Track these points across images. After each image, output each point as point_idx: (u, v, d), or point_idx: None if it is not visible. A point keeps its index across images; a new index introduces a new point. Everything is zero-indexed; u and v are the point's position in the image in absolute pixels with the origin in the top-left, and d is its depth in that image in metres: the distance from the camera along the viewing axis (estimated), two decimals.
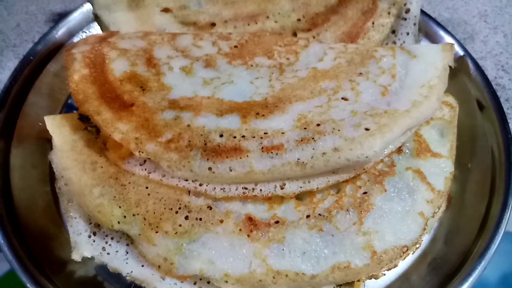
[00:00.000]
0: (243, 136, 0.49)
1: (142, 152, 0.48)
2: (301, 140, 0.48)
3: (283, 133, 0.49)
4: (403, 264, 0.52)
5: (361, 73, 0.55)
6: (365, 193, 0.50)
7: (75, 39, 0.67)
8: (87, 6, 0.69)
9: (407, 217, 0.50)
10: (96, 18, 0.69)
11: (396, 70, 0.55)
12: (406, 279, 0.52)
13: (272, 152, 0.48)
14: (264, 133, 0.49)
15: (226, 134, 0.49)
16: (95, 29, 0.69)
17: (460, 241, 0.53)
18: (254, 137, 0.49)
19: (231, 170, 0.48)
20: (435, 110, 0.54)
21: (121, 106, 0.52)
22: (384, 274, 0.49)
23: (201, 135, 0.49)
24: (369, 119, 0.49)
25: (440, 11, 0.81)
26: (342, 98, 0.52)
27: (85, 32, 0.69)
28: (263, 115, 0.51)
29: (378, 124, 0.48)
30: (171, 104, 0.53)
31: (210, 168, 0.48)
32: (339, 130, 0.48)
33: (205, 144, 0.49)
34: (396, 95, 0.53)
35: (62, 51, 0.66)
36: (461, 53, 0.64)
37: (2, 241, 0.47)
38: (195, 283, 0.48)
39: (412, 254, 0.52)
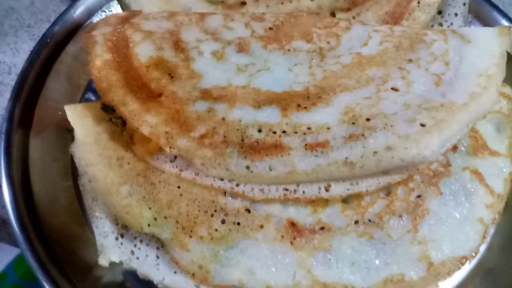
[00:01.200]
0: (284, 132, 0.44)
1: (173, 148, 0.44)
2: (349, 137, 0.43)
3: (328, 128, 0.44)
4: (458, 275, 0.47)
5: (411, 60, 0.50)
6: (419, 196, 0.46)
7: (94, 19, 0.62)
8: None
9: (466, 223, 0.45)
10: None
11: (449, 56, 0.50)
12: None
13: (316, 150, 0.43)
14: (308, 128, 0.44)
15: (265, 129, 0.44)
16: (115, 9, 0.64)
17: None
18: (296, 132, 0.44)
19: (271, 170, 0.43)
20: (494, 103, 0.48)
21: (149, 96, 0.48)
22: (438, 286, 0.45)
23: (238, 130, 0.44)
24: (424, 113, 0.44)
25: None
26: (392, 89, 0.47)
27: (105, 12, 0.63)
28: (305, 107, 0.46)
29: (435, 119, 0.43)
30: (203, 94, 0.48)
31: (248, 167, 0.43)
32: (391, 126, 0.43)
33: (242, 140, 0.44)
34: (451, 85, 0.47)
35: (81, 32, 0.61)
36: None
37: (24, 245, 0.43)
38: None
39: (469, 264, 0.48)
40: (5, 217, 0.53)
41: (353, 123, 0.43)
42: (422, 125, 0.42)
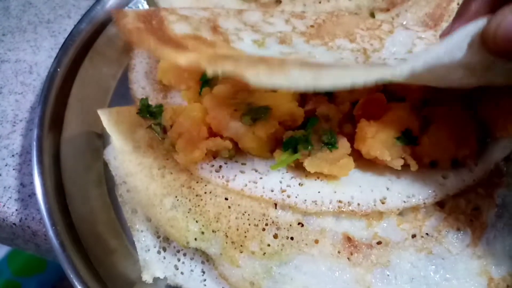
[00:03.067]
0: None
1: (219, 63, 0.34)
2: None
3: None
4: None
5: None
6: (476, 208, 0.44)
7: None
8: None
9: None
10: None
11: None
12: None
13: None
14: None
15: None
16: (142, 6, 0.61)
17: None
18: None
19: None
20: None
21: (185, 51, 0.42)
22: None
23: None
24: None
25: None
26: None
27: (132, 8, 0.60)
28: None
29: None
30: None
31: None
32: None
33: None
34: None
35: (107, 30, 0.57)
36: None
37: (65, 263, 0.41)
38: None
39: None
40: (36, 228, 0.50)
41: None
42: None
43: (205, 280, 0.44)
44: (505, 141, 0.45)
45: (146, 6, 0.61)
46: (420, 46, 0.52)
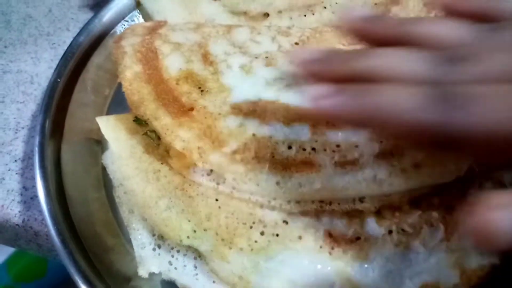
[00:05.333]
0: (314, 149, 0.46)
1: (206, 163, 0.45)
2: (377, 156, 0.45)
3: (357, 146, 0.45)
4: (492, 280, 0.49)
5: None
6: (449, 206, 0.47)
7: (118, 29, 0.63)
8: None
9: None
10: (139, 5, 0.64)
11: None
12: None
13: (346, 168, 0.44)
14: (337, 146, 0.45)
15: (295, 146, 0.46)
16: (138, 19, 0.65)
17: None
18: (325, 150, 0.45)
19: (300, 186, 0.45)
20: None
21: (180, 110, 0.49)
22: None
23: (268, 146, 0.46)
24: None
25: None
26: None
27: (127, 21, 0.64)
28: (334, 124, 0.47)
29: None
30: (234, 109, 0.49)
31: (278, 183, 0.45)
32: None
33: (273, 156, 0.45)
34: None
35: (105, 42, 0.61)
36: None
37: (67, 260, 0.44)
38: None
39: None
40: (38, 229, 0.53)
41: (381, 142, 0.45)
42: None
43: (197, 274, 0.47)
44: None
45: (141, 20, 0.65)
46: None
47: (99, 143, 0.55)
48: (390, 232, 0.46)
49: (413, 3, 0.65)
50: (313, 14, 0.63)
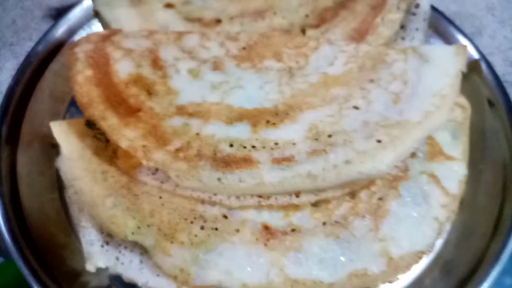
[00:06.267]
0: (254, 147, 0.48)
1: (150, 161, 0.47)
2: (312, 152, 0.48)
3: (294, 144, 0.48)
4: (416, 268, 0.52)
5: (372, 80, 0.54)
6: (380, 199, 0.50)
7: (76, 37, 0.65)
8: (87, 2, 0.66)
9: (422, 222, 0.50)
10: (97, 15, 0.67)
11: (408, 76, 0.54)
12: (420, 283, 0.52)
13: (282, 164, 0.47)
14: (275, 144, 0.48)
15: (236, 144, 0.48)
16: (96, 27, 0.67)
17: (473, 244, 0.53)
18: (264, 147, 0.48)
19: (240, 181, 0.47)
20: (446, 119, 0.52)
21: (128, 111, 0.51)
22: (399, 279, 0.50)
23: (211, 144, 0.48)
24: (381, 130, 0.48)
25: (447, 4, 0.79)
26: (354, 107, 0.51)
27: (86, 30, 0.66)
28: (274, 123, 0.50)
29: (390, 136, 0.47)
30: (179, 110, 0.52)
31: (219, 179, 0.47)
32: (350, 142, 0.48)
33: (215, 154, 0.48)
34: (408, 103, 0.51)
35: (63, 50, 0.64)
36: (476, 55, 0.63)
37: (16, 255, 0.46)
38: None
39: (426, 257, 0.52)
40: None
41: (316, 139, 0.48)
42: (379, 141, 0.47)
43: (142, 268, 0.49)
44: None
45: (100, 28, 0.67)
46: (342, 59, 0.59)
47: (55, 147, 0.58)
48: (324, 223, 0.49)
49: (361, 6, 0.68)
50: (263, 20, 0.66)
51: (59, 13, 0.74)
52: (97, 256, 0.49)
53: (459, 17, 0.78)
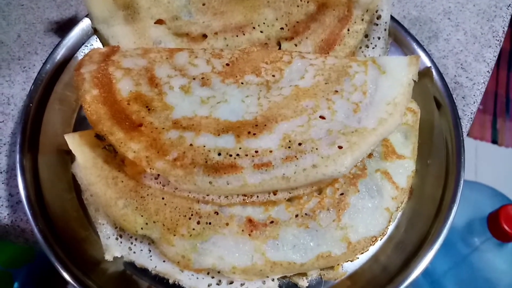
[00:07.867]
0: (238, 155, 0.58)
1: (153, 169, 0.57)
2: (286, 158, 0.57)
3: (271, 151, 0.58)
4: (373, 249, 0.64)
5: (336, 91, 0.64)
6: (342, 194, 0.61)
7: (79, 54, 0.73)
8: (86, 21, 0.74)
9: (376, 212, 0.61)
10: (96, 31, 0.75)
11: (367, 86, 0.64)
12: (376, 259, 0.64)
13: (262, 169, 0.57)
14: (255, 152, 0.58)
15: (224, 153, 0.58)
16: (96, 42, 0.75)
17: (420, 226, 0.65)
18: (247, 155, 0.58)
19: (228, 184, 0.56)
20: (398, 125, 0.62)
21: (131, 126, 0.60)
22: (358, 258, 0.62)
23: (202, 153, 0.58)
24: (342, 137, 0.58)
25: (409, 9, 0.88)
26: (320, 117, 0.61)
27: (87, 46, 0.74)
28: (254, 134, 0.59)
29: (349, 142, 0.57)
30: (175, 124, 0.61)
31: (210, 182, 0.56)
32: (317, 149, 0.57)
33: (206, 162, 0.57)
34: (366, 111, 0.61)
35: (68, 67, 0.72)
36: (428, 63, 0.74)
37: (46, 248, 0.57)
38: (208, 273, 0.60)
39: (380, 240, 0.65)
40: (24, 227, 0.66)
41: (289, 147, 0.58)
42: (340, 147, 0.57)
43: (151, 256, 0.60)
44: None
45: (99, 43, 0.75)
46: (311, 72, 0.69)
47: (68, 153, 0.67)
48: (297, 216, 0.60)
49: (329, 19, 0.77)
50: (244, 34, 0.75)
51: (60, 27, 0.82)
52: (113, 248, 0.60)
53: (419, 22, 0.87)
